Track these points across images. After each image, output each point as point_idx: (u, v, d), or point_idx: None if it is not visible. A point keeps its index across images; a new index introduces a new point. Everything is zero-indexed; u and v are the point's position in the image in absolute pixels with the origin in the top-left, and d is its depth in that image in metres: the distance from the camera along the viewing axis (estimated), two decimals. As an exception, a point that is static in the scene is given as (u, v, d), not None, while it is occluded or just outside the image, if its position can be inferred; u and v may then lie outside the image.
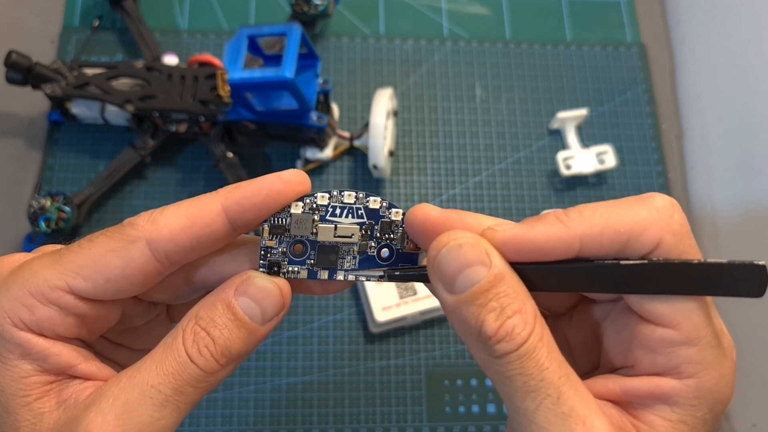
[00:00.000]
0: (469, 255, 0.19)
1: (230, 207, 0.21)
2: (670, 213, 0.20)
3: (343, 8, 0.64)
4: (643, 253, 0.20)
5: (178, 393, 0.19)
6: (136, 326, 0.25)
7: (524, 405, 0.19)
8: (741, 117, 0.56)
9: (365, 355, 0.53)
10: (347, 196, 0.22)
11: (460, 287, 0.19)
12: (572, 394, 0.19)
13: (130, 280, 0.20)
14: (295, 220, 0.22)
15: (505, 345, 0.19)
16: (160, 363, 0.20)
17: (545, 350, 0.19)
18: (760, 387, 0.51)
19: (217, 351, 0.20)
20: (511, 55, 0.64)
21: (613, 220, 0.19)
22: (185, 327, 0.20)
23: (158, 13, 0.62)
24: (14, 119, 0.58)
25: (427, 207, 0.21)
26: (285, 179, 0.21)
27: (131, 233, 0.20)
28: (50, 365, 0.20)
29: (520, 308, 0.19)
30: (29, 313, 0.20)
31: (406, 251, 0.23)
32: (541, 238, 0.20)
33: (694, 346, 0.19)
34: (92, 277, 0.20)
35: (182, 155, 0.58)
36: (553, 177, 0.60)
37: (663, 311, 0.19)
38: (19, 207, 0.55)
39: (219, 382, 0.21)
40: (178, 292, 0.23)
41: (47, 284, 0.20)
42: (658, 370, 0.20)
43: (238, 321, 0.21)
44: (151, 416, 0.19)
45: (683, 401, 0.20)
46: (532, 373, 0.18)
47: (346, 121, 0.60)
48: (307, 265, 0.23)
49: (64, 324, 0.20)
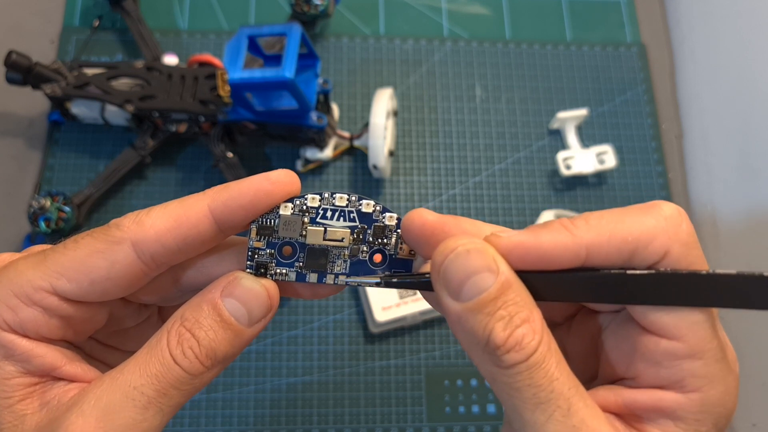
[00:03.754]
0: (476, 261, 0.19)
1: (217, 208, 0.20)
2: (678, 222, 0.19)
3: (343, 8, 0.64)
4: (650, 263, 0.19)
5: (162, 395, 0.19)
6: (127, 328, 0.25)
7: (533, 417, 0.18)
8: (741, 117, 0.56)
9: (365, 355, 0.53)
10: (339, 199, 0.22)
11: (467, 295, 0.19)
12: (582, 405, 0.18)
13: (115, 282, 0.20)
14: (283, 221, 0.22)
15: (514, 355, 0.18)
16: (144, 364, 0.19)
17: (554, 360, 0.18)
18: (760, 387, 0.51)
19: (201, 353, 0.20)
20: (511, 55, 0.64)
21: (620, 229, 0.19)
22: (170, 328, 0.20)
23: (158, 13, 0.62)
24: (14, 119, 0.58)
25: (424, 212, 0.21)
26: (273, 180, 0.21)
27: (116, 235, 0.20)
28: (34, 367, 0.20)
29: (528, 317, 0.18)
30: (12, 314, 0.20)
31: (399, 257, 0.22)
32: (547, 245, 0.19)
33: (699, 359, 0.19)
34: (77, 279, 0.20)
35: (182, 155, 0.58)
36: (553, 177, 0.60)
37: (668, 323, 0.19)
38: (19, 207, 0.55)
39: (205, 385, 0.20)
40: (166, 294, 0.23)
41: (31, 285, 0.20)
42: (662, 383, 0.20)
43: (224, 323, 0.20)
44: (133, 418, 0.19)
45: (687, 416, 0.19)
46: (542, 384, 0.18)
47: (346, 121, 0.60)
48: (296, 267, 0.22)
49: (48, 325, 0.20)
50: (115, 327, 0.24)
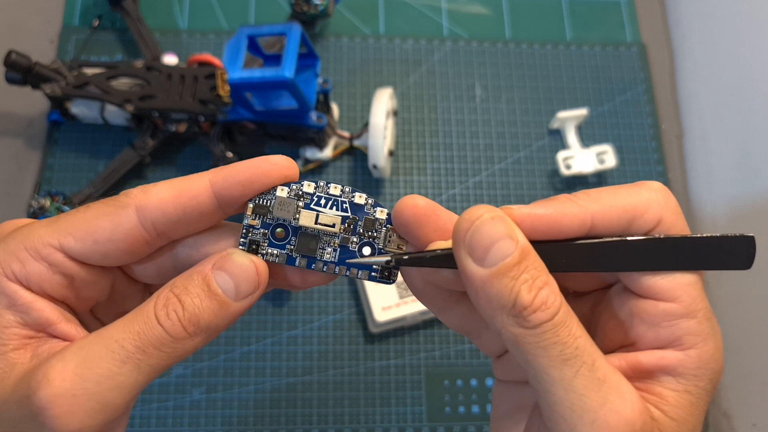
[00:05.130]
0: (500, 228, 0.20)
1: (217, 183, 0.22)
2: (666, 194, 0.21)
3: (343, 8, 0.64)
4: (646, 230, 0.21)
5: (141, 351, 0.20)
6: (129, 310, 0.25)
7: (562, 374, 0.19)
8: (741, 117, 0.56)
9: (365, 355, 0.53)
10: (333, 188, 0.23)
11: (492, 260, 0.19)
12: (603, 362, 0.19)
13: (116, 244, 0.21)
14: (278, 202, 0.23)
15: (540, 314, 0.19)
16: (129, 322, 0.20)
17: (575, 321, 0.20)
18: (760, 387, 0.51)
19: (185, 317, 0.21)
20: (511, 55, 0.64)
21: (619, 201, 0.21)
22: (160, 293, 0.21)
23: (158, 12, 0.62)
24: (14, 119, 0.58)
25: (416, 197, 0.22)
26: (272, 162, 0.22)
27: (123, 200, 0.22)
28: (32, 319, 0.21)
29: (547, 280, 0.20)
30: (20, 265, 0.21)
31: (387, 250, 0.23)
32: (557, 215, 0.21)
33: (693, 318, 0.21)
34: (82, 238, 0.21)
35: (182, 155, 0.58)
36: (553, 177, 0.60)
37: (664, 286, 0.21)
38: (18, 207, 0.55)
39: (186, 353, 0.21)
40: (166, 273, 0.24)
41: (41, 240, 0.21)
42: (661, 343, 0.21)
43: (211, 293, 0.21)
44: (110, 369, 0.19)
45: (687, 372, 0.21)
46: (567, 341, 0.19)
47: (346, 121, 0.60)
48: (287, 250, 0.23)
49: (51, 281, 0.21)
50: (117, 308, 0.25)
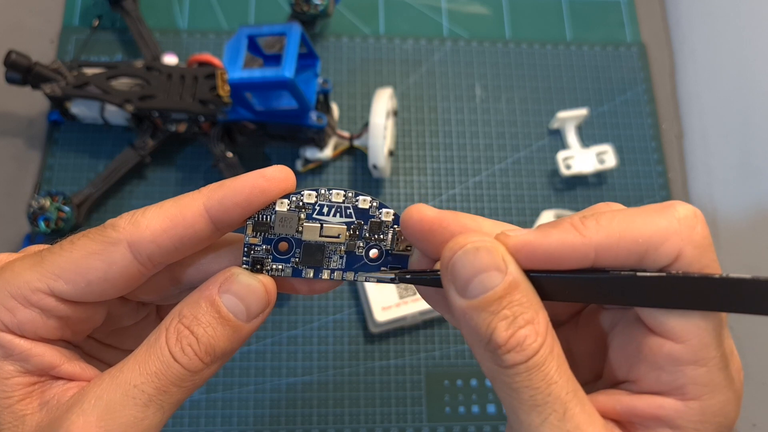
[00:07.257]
0: (485, 260, 0.19)
1: (212, 207, 0.20)
2: (692, 224, 0.18)
3: (343, 8, 0.64)
4: (661, 265, 0.19)
5: (162, 393, 0.19)
6: (125, 327, 0.25)
7: (529, 419, 0.18)
8: (741, 117, 0.56)
9: (365, 355, 0.53)
10: (335, 195, 0.22)
11: (473, 292, 0.19)
12: (579, 410, 0.18)
13: (112, 282, 0.20)
14: (279, 218, 0.22)
15: (514, 355, 0.18)
16: (143, 362, 0.19)
17: (555, 364, 0.18)
18: (760, 386, 0.51)
19: (201, 350, 0.20)
20: (511, 55, 0.64)
21: (631, 230, 0.18)
22: (168, 325, 0.20)
23: (158, 12, 0.62)
24: (14, 119, 0.58)
25: (423, 207, 0.21)
26: (268, 176, 0.21)
27: (112, 235, 0.20)
28: (33, 366, 0.20)
29: (533, 318, 0.18)
30: (10, 315, 0.20)
31: (396, 252, 0.22)
32: (556, 245, 0.19)
33: (702, 366, 0.19)
34: (73, 280, 0.20)
35: (182, 155, 0.58)
36: (553, 177, 0.60)
37: (674, 325, 0.19)
38: (18, 207, 0.54)
39: (204, 381, 0.20)
40: (164, 292, 0.23)
41: (28, 287, 0.20)
42: (662, 388, 0.19)
43: (223, 319, 0.20)
44: (134, 417, 0.19)
45: (686, 424, 0.19)
46: (540, 386, 0.18)
47: (346, 121, 0.60)
48: (292, 263, 0.22)
49: (45, 326, 0.20)
50: (113, 326, 0.24)
